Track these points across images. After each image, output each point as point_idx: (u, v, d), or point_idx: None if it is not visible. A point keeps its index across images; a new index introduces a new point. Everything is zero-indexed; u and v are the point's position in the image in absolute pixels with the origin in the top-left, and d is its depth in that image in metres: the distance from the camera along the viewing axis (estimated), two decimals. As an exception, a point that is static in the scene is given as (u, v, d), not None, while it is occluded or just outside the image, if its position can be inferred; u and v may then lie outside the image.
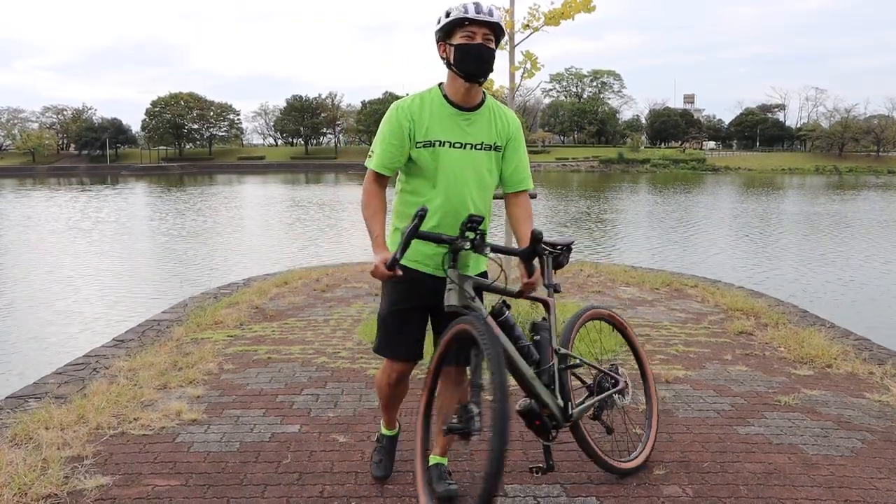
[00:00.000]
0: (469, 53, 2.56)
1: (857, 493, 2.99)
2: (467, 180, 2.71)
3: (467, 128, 2.70)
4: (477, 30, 2.55)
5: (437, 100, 2.70)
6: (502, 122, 2.78)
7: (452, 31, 2.58)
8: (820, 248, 16.85)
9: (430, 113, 2.68)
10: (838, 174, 71.37)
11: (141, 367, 4.66)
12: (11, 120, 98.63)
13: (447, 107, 2.69)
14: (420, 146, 2.67)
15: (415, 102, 2.70)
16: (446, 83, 2.72)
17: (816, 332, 5.65)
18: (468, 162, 2.71)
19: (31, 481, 2.99)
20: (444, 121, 2.68)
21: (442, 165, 2.68)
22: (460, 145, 2.69)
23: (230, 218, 25.79)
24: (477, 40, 2.55)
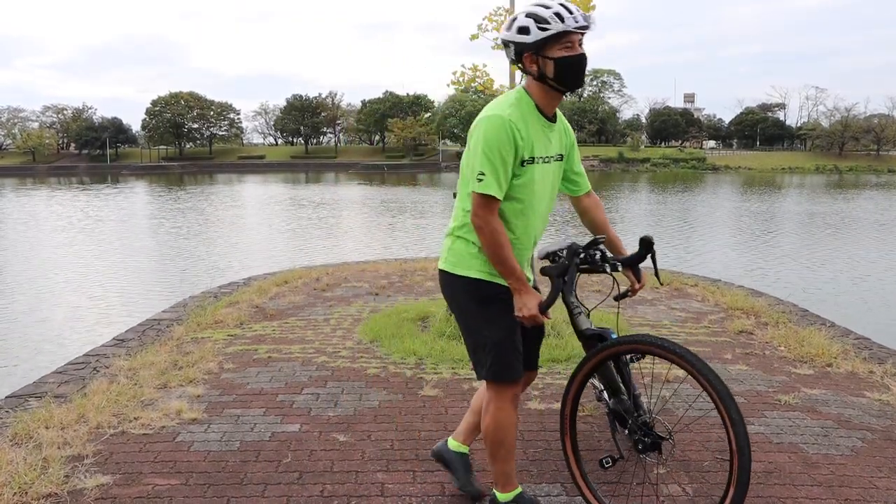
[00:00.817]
0: (573, 66, 2.38)
1: (858, 493, 2.99)
2: (545, 194, 2.59)
3: (552, 138, 2.56)
4: (575, 38, 2.36)
5: (532, 109, 2.48)
6: (566, 130, 2.69)
7: (547, 43, 2.35)
8: (820, 248, 16.85)
9: (530, 126, 2.46)
10: (838, 173, 71.35)
11: (141, 367, 4.66)
12: (11, 119, 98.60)
13: (540, 117, 2.50)
14: (527, 163, 2.46)
15: (518, 113, 2.43)
16: (534, 92, 2.49)
17: (817, 331, 5.65)
18: (553, 174, 2.62)
19: (31, 480, 2.99)
20: (539, 133, 2.49)
21: (539, 182, 2.52)
22: (547, 159, 2.55)
23: (230, 217, 25.80)
24: (578, 50, 2.38)
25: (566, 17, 2.30)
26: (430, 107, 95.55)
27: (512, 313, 2.53)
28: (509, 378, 2.58)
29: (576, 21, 2.31)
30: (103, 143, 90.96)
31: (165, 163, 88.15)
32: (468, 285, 2.57)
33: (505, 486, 2.70)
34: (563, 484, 3.06)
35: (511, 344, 2.56)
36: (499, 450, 2.64)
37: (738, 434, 2.21)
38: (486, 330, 2.56)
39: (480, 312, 2.58)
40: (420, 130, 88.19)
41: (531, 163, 2.47)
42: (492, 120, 2.40)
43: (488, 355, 2.56)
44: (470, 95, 79.70)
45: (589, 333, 2.70)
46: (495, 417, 2.61)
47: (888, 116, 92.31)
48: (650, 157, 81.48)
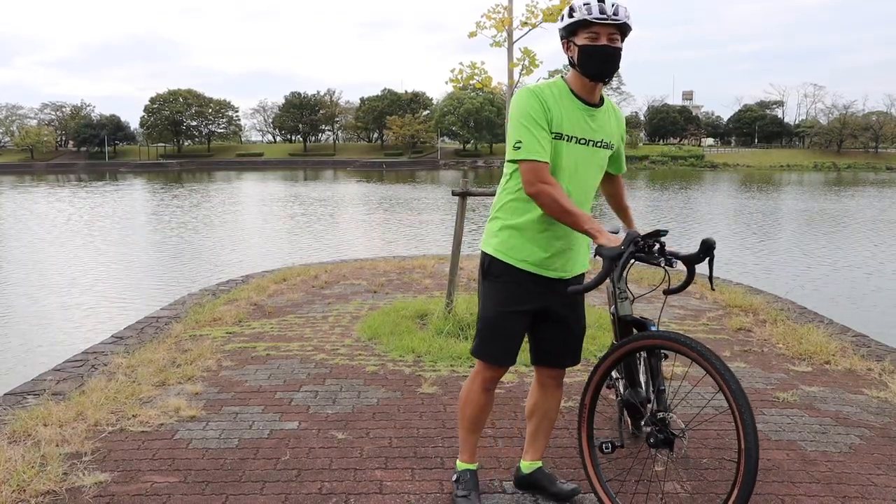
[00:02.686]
0: (593, 56, 2.45)
1: (855, 490, 3.00)
2: (588, 177, 2.66)
3: (592, 124, 2.60)
4: (601, 30, 2.43)
5: (565, 92, 2.56)
6: (618, 121, 2.74)
7: (576, 30, 2.47)
8: (818, 245, 16.86)
9: (565, 105, 2.55)
10: (837, 170, 71.37)
11: (140, 364, 4.66)
12: (10, 116, 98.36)
13: (575, 100, 2.56)
14: (555, 138, 2.54)
15: (548, 91, 2.55)
16: (570, 78, 2.59)
17: (815, 328, 5.65)
18: (592, 159, 2.64)
19: (29, 478, 2.99)
20: (573, 114, 2.56)
21: (567, 161, 2.57)
22: (585, 141, 2.59)
23: (229, 215, 25.77)
24: (601, 42, 2.44)
25: (593, 8, 2.40)
26: (429, 104, 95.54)
27: (508, 297, 2.63)
28: (485, 358, 2.72)
29: (600, 12, 2.39)
30: (101, 141, 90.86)
31: (164, 160, 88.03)
32: (483, 259, 2.74)
33: (462, 455, 2.91)
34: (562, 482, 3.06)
35: (495, 328, 2.66)
36: (462, 420, 2.86)
37: (749, 437, 2.23)
38: (483, 305, 2.75)
39: (484, 287, 2.75)
40: (419, 128, 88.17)
41: (560, 138, 2.53)
42: (520, 92, 2.56)
43: (478, 330, 2.75)
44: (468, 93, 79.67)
45: (629, 319, 2.71)
46: (466, 390, 2.82)
47: (886, 114, 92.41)
48: (648, 155, 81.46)
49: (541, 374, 2.87)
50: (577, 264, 2.73)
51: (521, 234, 2.62)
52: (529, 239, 2.61)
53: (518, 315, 2.66)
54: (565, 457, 3.32)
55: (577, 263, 2.72)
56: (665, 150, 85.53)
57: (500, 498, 2.93)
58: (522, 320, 2.68)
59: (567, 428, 3.67)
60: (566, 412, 3.89)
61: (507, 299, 2.65)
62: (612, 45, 2.45)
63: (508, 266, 2.64)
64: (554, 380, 2.86)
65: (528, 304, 2.65)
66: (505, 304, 2.65)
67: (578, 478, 3.08)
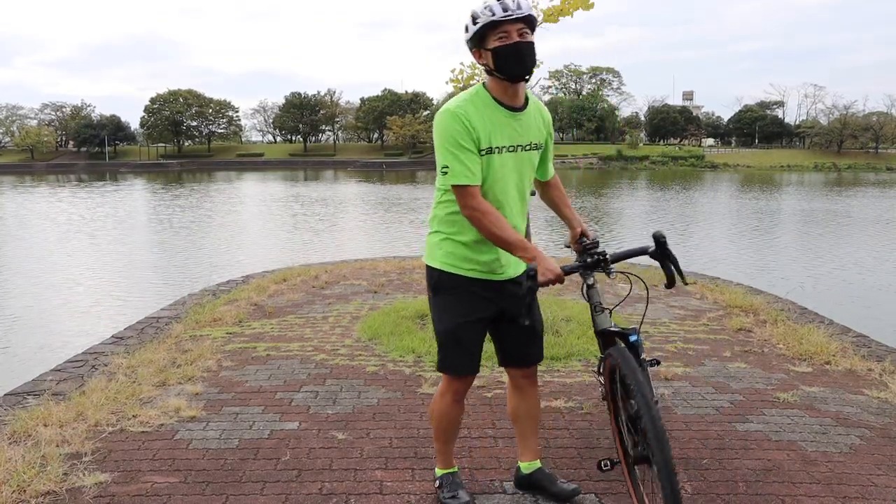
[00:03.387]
0: (509, 55, 2.42)
1: (856, 490, 3.00)
2: (522, 182, 2.66)
3: (519, 129, 2.58)
4: (510, 27, 2.40)
5: (489, 102, 2.53)
6: (544, 117, 2.71)
7: (485, 35, 2.43)
8: (819, 245, 16.87)
9: (489, 117, 2.51)
10: (837, 171, 71.35)
11: (140, 364, 4.66)
12: (10, 117, 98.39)
13: (499, 108, 2.53)
14: (483, 153, 2.52)
15: (471, 106, 2.51)
16: (491, 85, 2.55)
17: (815, 328, 5.65)
18: (523, 164, 2.63)
19: (29, 478, 2.99)
20: (500, 123, 2.53)
21: (499, 172, 2.56)
22: (514, 148, 2.58)
23: (229, 215, 25.77)
24: (513, 39, 2.41)
25: (496, 8, 2.37)
26: (429, 105, 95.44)
27: (464, 308, 2.62)
28: (449, 371, 2.73)
29: (504, 10, 2.36)
30: (102, 141, 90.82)
31: (164, 160, 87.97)
32: (430, 274, 2.73)
33: (439, 463, 2.96)
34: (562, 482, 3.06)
35: (457, 340, 2.66)
36: (437, 432, 2.88)
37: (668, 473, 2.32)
38: (439, 319, 2.72)
39: (436, 302, 2.73)
40: (419, 128, 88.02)
41: (489, 153, 2.52)
42: (441, 115, 2.51)
43: (440, 345, 2.73)
44: (469, 93, 79.45)
45: (608, 332, 2.71)
46: (438, 405, 2.82)
47: (887, 114, 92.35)
48: (649, 155, 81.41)
49: (512, 376, 2.89)
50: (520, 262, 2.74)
51: (465, 244, 2.62)
52: (473, 247, 2.61)
53: (477, 324, 2.68)
54: (565, 457, 3.31)
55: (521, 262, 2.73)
56: (665, 151, 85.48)
57: (500, 498, 2.93)
58: (481, 328, 2.71)
59: (567, 428, 3.67)
60: (566, 412, 3.89)
61: (464, 310, 2.64)
62: (524, 39, 2.42)
63: (459, 277, 2.63)
64: (527, 378, 2.87)
65: (484, 312, 2.67)
66: (463, 315, 2.64)
67: (579, 478, 3.09)
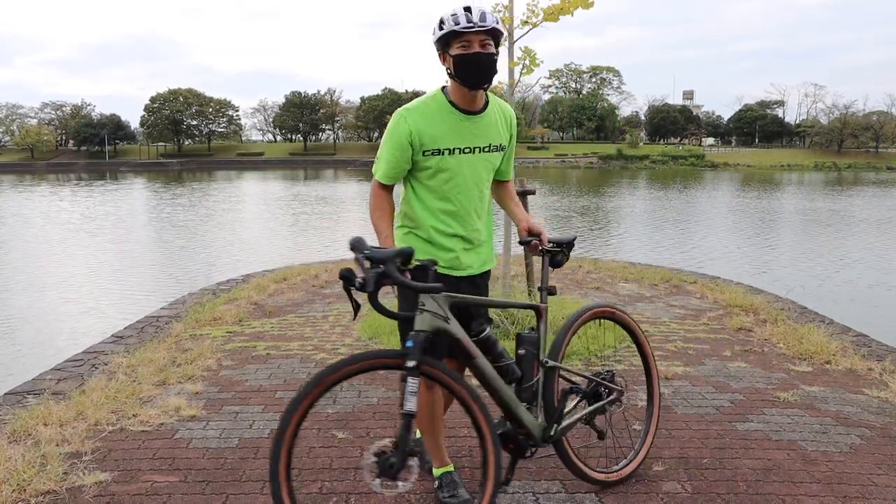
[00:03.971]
0: (467, 64, 2.51)
1: (856, 490, 2.99)
2: (473, 183, 2.73)
3: (475, 131, 2.68)
4: (473, 38, 2.49)
5: (443, 106, 2.65)
6: (506, 119, 2.80)
7: (449, 41, 2.52)
8: (819, 245, 16.86)
9: (437, 120, 2.64)
10: (837, 170, 71.35)
11: (140, 364, 4.66)
12: (10, 116, 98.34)
13: (454, 112, 2.65)
14: (429, 154, 2.64)
15: (419, 110, 2.65)
16: (450, 89, 2.66)
17: (815, 328, 5.65)
18: (480, 165, 2.72)
19: (29, 477, 2.99)
20: (454, 127, 2.64)
21: (454, 173, 2.67)
22: (470, 150, 2.68)
23: (229, 213, 25.77)
24: (474, 49, 2.50)
25: (461, 18, 2.46)
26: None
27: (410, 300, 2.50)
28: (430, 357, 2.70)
29: (467, 21, 2.45)
30: (102, 140, 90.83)
31: (164, 159, 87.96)
32: None
33: (435, 462, 2.92)
34: (562, 481, 3.06)
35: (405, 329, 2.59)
36: (419, 425, 2.84)
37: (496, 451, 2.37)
38: (400, 308, 2.72)
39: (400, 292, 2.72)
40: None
41: (437, 154, 2.64)
42: (393, 115, 2.68)
43: (401, 335, 2.72)
44: (469, 92, 79.45)
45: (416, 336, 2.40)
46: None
47: (887, 113, 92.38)
48: (649, 155, 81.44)
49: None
50: (481, 261, 2.84)
51: (426, 241, 2.74)
52: (431, 242, 2.73)
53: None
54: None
55: (480, 260, 2.83)
56: (665, 150, 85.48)
57: (500, 498, 2.93)
58: None
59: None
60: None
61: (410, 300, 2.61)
62: (485, 51, 2.51)
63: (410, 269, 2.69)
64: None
65: None
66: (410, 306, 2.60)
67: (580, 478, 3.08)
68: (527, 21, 5.44)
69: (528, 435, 2.67)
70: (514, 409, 2.62)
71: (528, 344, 2.71)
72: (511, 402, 2.61)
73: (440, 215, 2.72)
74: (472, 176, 2.71)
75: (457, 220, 2.73)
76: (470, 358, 2.51)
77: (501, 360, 2.63)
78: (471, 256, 2.78)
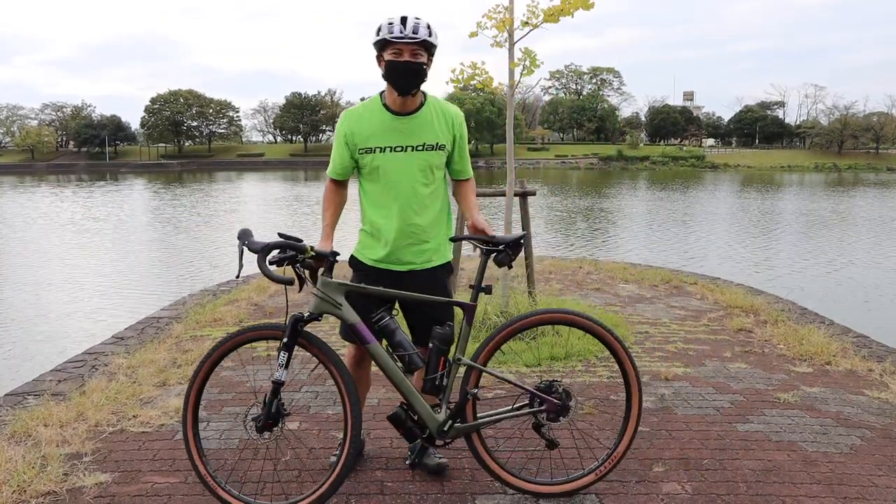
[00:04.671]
0: (397, 70, 2.71)
1: (856, 490, 2.99)
2: (407, 180, 2.88)
3: (407, 131, 2.86)
4: (404, 47, 2.69)
5: (377, 108, 2.88)
6: (450, 123, 2.93)
7: (384, 47, 2.72)
8: (819, 246, 16.85)
9: (371, 120, 2.87)
10: (837, 171, 71.29)
11: (140, 365, 4.66)
12: (10, 117, 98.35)
13: (386, 114, 2.86)
14: (362, 152, 2.88)
15: (356, 112, 2.92)
16: (386, 92, 2.87)
17: (816, 329, 5.65)
18: (413, 163, 2.87)
19: (30, 478, 2.99)
20: (384, 127, 2.85)
21: (385, 170, 2.87)
22: (402, 148, 2.86)
23: (230, 214, 25.77)
24: (404, 57, 2.70)
25: (394, 28, 2.67)
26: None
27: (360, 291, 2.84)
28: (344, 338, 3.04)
29: (400, 32, 2.66)
30: (102, 141, 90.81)
31: (164, 160, 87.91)
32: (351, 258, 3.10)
33: None
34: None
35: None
36: None
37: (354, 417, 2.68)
38: None
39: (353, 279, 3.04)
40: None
41: (370, 152, 2.87)
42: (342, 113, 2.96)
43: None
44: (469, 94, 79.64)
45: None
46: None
47: (887, 114, 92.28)
48: (649, 155, 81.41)
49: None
50: (425, 257, 2.96)
51: (370, 235, 3.00)
52: (375, 237, 2.97)
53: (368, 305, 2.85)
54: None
55: (423, 256, 2.96)
56: (666, 151, 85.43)
57: (500, 498, 2.93)
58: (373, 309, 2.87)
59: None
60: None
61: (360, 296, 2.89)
62: (415, 60, 2.71)
63: (360, 262, 3.02)
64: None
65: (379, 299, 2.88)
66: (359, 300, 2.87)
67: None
68: (527, 22, 5.44)
69: (422, 425, 2.80)
70: (407, 397, 2.78)
71: (437, 338, 2.79)
72: (405, 389, 2.77)
73: (379, 210, 2.92)
74: (405, 172, 2.87)
75: (394, 216, 2.89)
76: (364, 342, 2.75)
77: (399, 349, 2.77)
78: (411, 252, 2.93)
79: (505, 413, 2.90)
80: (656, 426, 3.71)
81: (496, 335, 2.85)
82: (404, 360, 2.76)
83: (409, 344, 2.79)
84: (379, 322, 2.78)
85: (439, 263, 3.01)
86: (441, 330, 2.81)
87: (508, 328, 2.85)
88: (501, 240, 2.82)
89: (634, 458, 3.30)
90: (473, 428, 2.85)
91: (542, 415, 2.85)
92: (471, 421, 2.84)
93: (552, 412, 2.85)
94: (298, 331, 2.71)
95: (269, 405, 2.71)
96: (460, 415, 2.81)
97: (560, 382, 2.90)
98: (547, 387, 2.86)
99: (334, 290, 2.76)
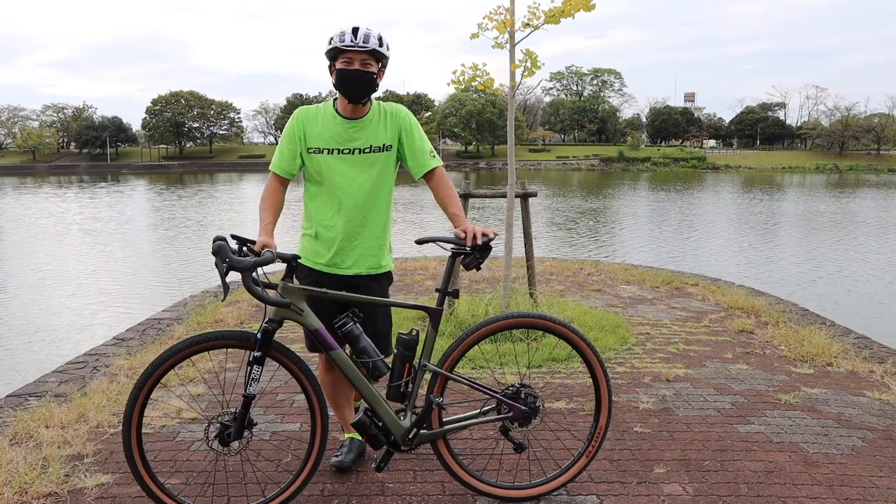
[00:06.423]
0: (346, 79, 2.76)
1: (858, 492, 2.99)
2: (353, 183, 2.90)
3: (355, 134, 2.89)
4: (355, 56, 2.73)
5: (329, 112, 2.92)
6: (392, 120, 2.95)
7: (335, 56, 2.77)
8: (820, 247, 16.84)
9: (322, 122, 2.91)
10: (839, 172, 71.29)
11: (141, 366, 4.67)
12: (12, 118, 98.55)
13: (336, 117, 2.90)
14: (311, 152, 2.92)
15: (310, 111, 2.96)
16: (339, 98, 2.90)
17: (817, 330, 5.65)
18: (361, 164, 2.90)
19: (31, 480, 2.99)
20: (333, 130, 2.89)
21: (331, 170, 2.90)
22: (349, 150, 2.89)
23: (231, 214, 25.79)
24: (354, 66, 2.74)
25: (345, 37, 2.71)
26: (431, 106, 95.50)
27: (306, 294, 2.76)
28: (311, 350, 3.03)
29: (350, 41, 2.70)
30: (103, 143, 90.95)
31: (166, 162, 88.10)
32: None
33: (344, 429, 3.33)
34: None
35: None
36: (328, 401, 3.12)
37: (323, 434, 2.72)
38: None
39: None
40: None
41: (317, 153, 2.91)
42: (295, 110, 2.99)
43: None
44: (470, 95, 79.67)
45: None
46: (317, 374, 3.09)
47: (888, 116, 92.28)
48: (650, 157, 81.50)
49: None
50: (369, 263, 2.98)
51: (310, 237, 3.02)
52: (316, 237, 2.99)
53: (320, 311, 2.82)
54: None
55: (368, 262, 2.98)
56: (667, 152, 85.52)
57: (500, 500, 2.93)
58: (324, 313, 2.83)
59: (569, 429, 3.66)
60: (568, 413, 3.88)
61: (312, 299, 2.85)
62: (365, 69, 2.75)
63: (305, 267, 3.00)
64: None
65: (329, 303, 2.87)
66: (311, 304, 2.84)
67: (581, 479, 3.07)
68: (528, 23, 5.44)
69: (387, 432, 2.76)
70: (371, 403, 2.74)
71: (402, 345, 2.73)
72: (368, 396, 2.73)
73: (323, 212, 2.95)
74: (350, 175, 2.90)
75: (337, 219, 2.92)
76: (327, 349, 2.71)
77: (363, 355, 2.70)
78: (354, 256, 2.95)
79: (471, 419, 2.86)
80: (657, 427, 3.71)
81: (462, 341, 2.77)
82: (368, 367, 2.69)
83: (373, 350, 2.71)
84: (342, 328, 2.70)
85: (383, 272, 3.03)
86: (406, 336, 2.74)
87: (474, 333, 2.77)
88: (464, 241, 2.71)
89: (636, 459, 3.30)
90: (439, 434, 2.80)
91: (510, 420, 2.81)
92: (436, 427, 2.79)
93: (520, 418, 2.81)
94: (270, 344, 2.67)
95: (240, 419, 2.69)
96: (426, 421, 2.77)
97: (530, 387, 2.85)
98: (515, 392, 2.82)
99: (296, 295, 2.67)
